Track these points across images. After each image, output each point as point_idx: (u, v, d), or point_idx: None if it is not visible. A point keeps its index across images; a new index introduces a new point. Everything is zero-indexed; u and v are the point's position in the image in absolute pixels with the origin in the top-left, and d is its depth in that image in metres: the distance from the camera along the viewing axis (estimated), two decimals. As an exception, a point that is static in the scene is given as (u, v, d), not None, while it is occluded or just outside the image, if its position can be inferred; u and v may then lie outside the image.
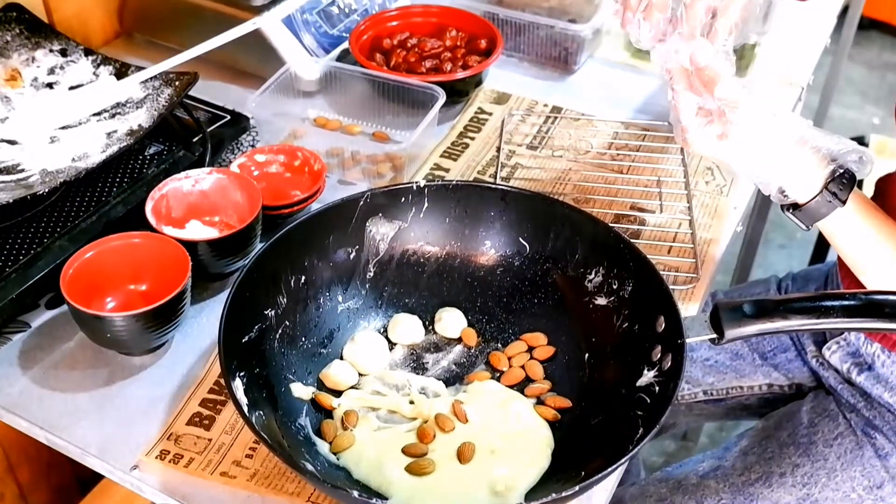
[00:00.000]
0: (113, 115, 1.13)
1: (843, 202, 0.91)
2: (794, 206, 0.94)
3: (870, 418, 1.15)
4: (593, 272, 0.96)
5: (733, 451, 1.21)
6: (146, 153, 1.13)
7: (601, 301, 0.96)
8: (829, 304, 0.81)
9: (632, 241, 0.94)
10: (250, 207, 1.02)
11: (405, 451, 0.86)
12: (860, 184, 0.95)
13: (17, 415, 0.92)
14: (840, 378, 1.19)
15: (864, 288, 0.98)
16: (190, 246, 0.96)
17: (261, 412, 0.82)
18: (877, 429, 1.14)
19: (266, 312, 0.91)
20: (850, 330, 0.90)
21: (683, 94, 0.91)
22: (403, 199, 0.99)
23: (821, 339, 1.23)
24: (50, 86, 1.18)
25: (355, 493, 0.74)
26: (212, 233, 1.03)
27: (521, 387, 0.94)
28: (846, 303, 0.81)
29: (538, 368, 0.95)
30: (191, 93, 1.17)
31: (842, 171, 0.91)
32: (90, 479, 1.41)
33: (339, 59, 1.37)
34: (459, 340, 0.99)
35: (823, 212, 0.92)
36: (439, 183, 1.00)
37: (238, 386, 0.81)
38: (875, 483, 1.11)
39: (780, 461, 1.15)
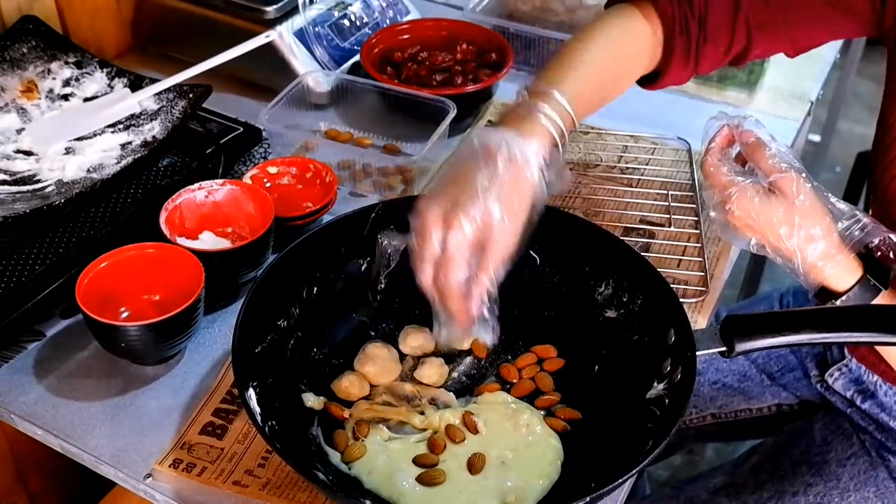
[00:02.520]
0: (127, 127, 1.14)
1: (885, 286, 0.89)
2: (826, 295, 0.90)
3: (882, 440, 1.14)
4: (603, 285, 0.97)
5: (745, 467, 1.20)
6: (160, 164, 1.14)
7: (611, 314, 0.96)
8: (838, 317, 0.82)
9: (641, 254, 0.94)
10: (263, 219, 1.03)
11: (416, 461, 0.86)
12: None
13: (33, 423, 0.93)
14: (847, 403, 1.19)
15: None
16: (204, 256, 0.97)
17: (273, 422, 0.83)
18: (891, 451, 1.13)
19: (279, 323, 0.92)
20: (859, 344, 0.90)
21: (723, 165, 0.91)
22: (415, 211, 1.00)
23: (823, 361, 1.23)
24: (65, 97, 1.19)
25: (367, 503, 0.74)
26: (224, 243, 1.04)
27: (531, 398, 0.94)
28: (856, 315, 0.81)
29: (548, 380, 0.96)
30: (204, 105, 1.19)
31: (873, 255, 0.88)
32: (100, 488, 1.41)
33: (351, 71, 1.38)
34: (470, 352, 0.99)
35: (867, 298, 0.89)
36: (450, 195, 1.00)
37: (251, 396, 0.82)
38: None
39: (793, 480, 1.14)
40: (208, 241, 1.04)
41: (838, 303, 0.88)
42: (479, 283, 0.83)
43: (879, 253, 0.88)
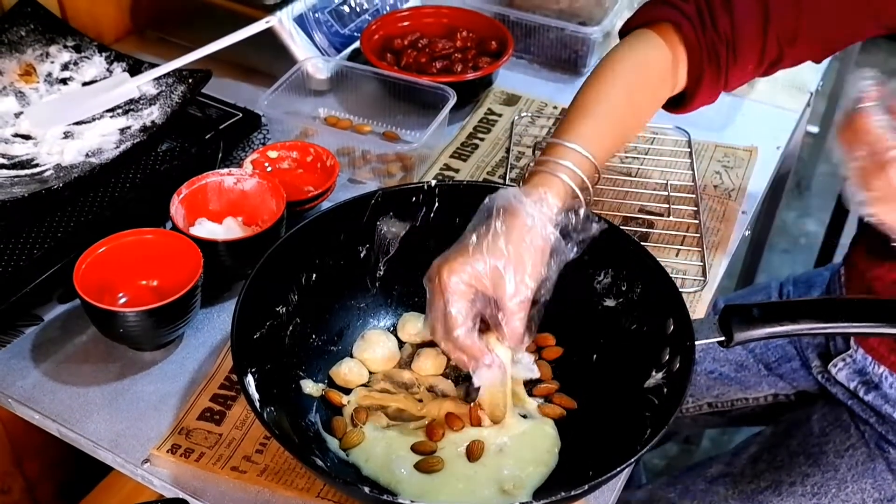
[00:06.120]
0: (126, 112, 1.14)
1: None
2: None
3: (882, 433, 1.14)
4: (602, 274, 0.97)
5: (742, 457, 1.20)
6: (159, 149, 1.14)
7: (610, 303, 0.96)
8: (838, 307, 0.82)
9: (640, 243, 0.94)
10: (279, 212, 1.02)
11: (414, 448, 0.86)
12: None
13: (30, 407, 0.93)
14: (848, 394, 1.19)
15: (871, 291, 0.97)
16: (210, 245, 0.97)
17: (271, 408, 0.83)
18: (891, 443, 1.13)
19: (277, 309, 0.91)
20: (859, 335, 0.89)
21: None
22: (414, 198, 1.00)
23: (826, 352, 1.23)
24: (64, 81, 1.18)
25: (366, 489, 0.74)
26: (237, 233, 1.03)
27: (529, 386, 0.94)
28: (856, 307, 0.81)
29: (546, 368, 0.96)
30: (203, 90, 1.18)
31: None
32: (97, 474, 1.41)
33: (351, 58, 1.38)
34: (468, 340, 0.99)
35: None
36: (450, 183, 1.01)
37: (250, 382, 0.82)
38: (886, 496, 1.10)
39: (791, 470, 1.14)
40: (231, 227, 1.04)
41: None
42: (496, 327, 0.86)
43: None
